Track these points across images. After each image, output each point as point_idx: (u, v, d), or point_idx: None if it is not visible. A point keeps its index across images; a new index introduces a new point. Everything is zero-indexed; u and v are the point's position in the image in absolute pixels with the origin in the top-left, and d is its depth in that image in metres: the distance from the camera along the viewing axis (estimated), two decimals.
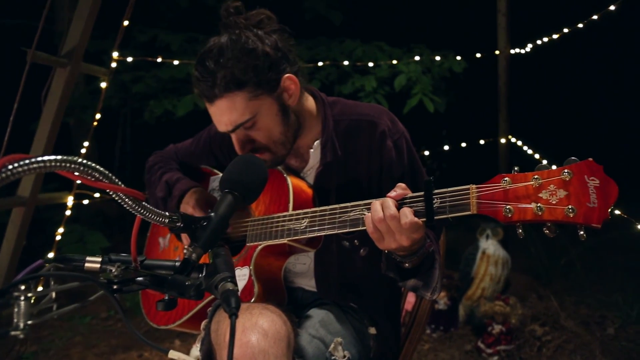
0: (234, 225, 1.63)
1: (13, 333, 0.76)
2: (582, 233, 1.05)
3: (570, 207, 1.04)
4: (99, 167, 0.83)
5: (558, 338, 3.26)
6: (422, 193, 1.22)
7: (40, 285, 2.23)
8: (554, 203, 1.06)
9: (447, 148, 4.24)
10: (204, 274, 0.99)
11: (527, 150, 3.92)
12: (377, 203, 1.25)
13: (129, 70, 5.08)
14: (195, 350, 3.08)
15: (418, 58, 4.60)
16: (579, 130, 7.48)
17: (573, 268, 4.49)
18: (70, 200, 2.94)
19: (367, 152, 1.58)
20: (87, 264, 1.01)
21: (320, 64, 4.48)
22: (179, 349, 3.31)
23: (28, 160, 0.72)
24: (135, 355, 3.25)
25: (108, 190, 0.88)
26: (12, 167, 0.70)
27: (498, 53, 4.33)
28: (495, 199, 1.13)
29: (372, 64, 4.58)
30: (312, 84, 2.56)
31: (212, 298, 1.60)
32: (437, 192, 1.20)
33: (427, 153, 4.22)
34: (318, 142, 1.62)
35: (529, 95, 7.03)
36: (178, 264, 1.03)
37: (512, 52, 4.30)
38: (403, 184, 1.27)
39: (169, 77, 4.75)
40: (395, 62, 4.62)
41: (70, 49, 2.63)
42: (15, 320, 0.77)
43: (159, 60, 3.66)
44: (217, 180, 1.84)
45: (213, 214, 1.09)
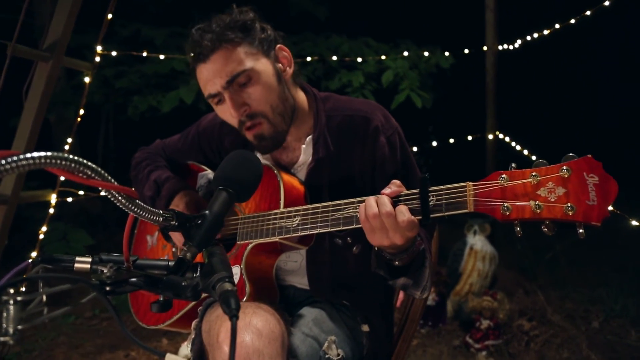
0: (224, 223, 1.60)
1: (2, 339, 0.72)
2: (581, 231, 1.03)
3: (569, 205, 1.02)
4: (91, 163, 0.80)
5: (545, 332, 3.30)
6: (417, 190, 1.20)
7: (24, 286, 2.17)
8: (553, 201, 1.05)
9: (435, 144, 4.24)
10: (200, 274, 0.96)
11: (515, 147, 3.94)
12: (371, 199, 1.23)
13: (112, 66, 4.99)
14: (185, 349, 3.06)
15: (406, 53, 4.60)
16: (567, 127, 7.57)
17: (558, 263, 4.56)
18: (54, 198, 2.87)
19: (360, 148, 1.56)
20: (76, 265, 0.97)
21: (309, 59, 4.45)
22: (167, 348, 3.26)
23: (17, 157, 0.68)
24: (122, 355, 3.20)
25: (100, 188, 0.85)
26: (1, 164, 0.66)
27: (486, 49, 4.34)
28: (493, 197, 1.11)
29: (360, 60, 4.56)
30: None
31: (202, 296, 1.57)
32: (432, 189, 1.18)
33: (414, 149, 4.23)
34: (310, 137, 1.60)
35: (517, 92, 7.08)
36: (172, 264, 1.00)
37: (500, 48, 4.32)
38: (398, 181, 1.25)
39: (153, 72, 4.68)
40: (384, 57, 4.61)
41: (52, 43, 2.56)
42: (5, 326, 0.73)
43: (145, 55, 3.58)
44: (204, 177, 1.81)
45: (207, 212, 1.06)
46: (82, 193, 3.18)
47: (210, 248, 1.02)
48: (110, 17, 2.85)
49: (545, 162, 1.09)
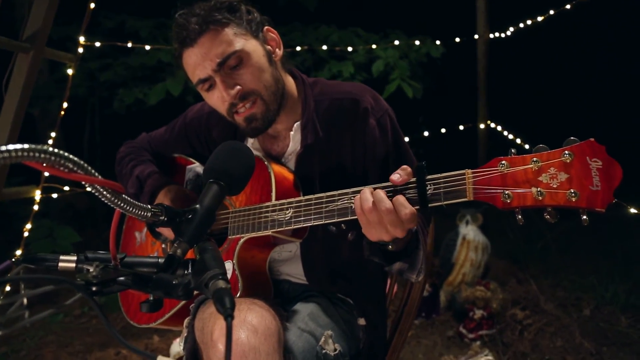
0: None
1: None
2: (584, 217, 1.00)
3: (572, 190, 0.99)
4: (73, 157, 0.75)
5: (539, 321, 3.30)
6: (413, 179, 1.16)
7: (8, 286, 2.11)
8: (555, 187, 1.01)
9: (426, 134, 4.22)
10: (192, 271, 0.91)
11: (507, 136, 3.92)
12: (367, 191, 1.18)
13: (96, 58, 4.89)
14: (177, 346, 3.01)
15: (397, 42, 4.55)
16: (560, 115, 7.56)
17: (549, 252, 4.57)
18: (38, 195, 2.79)
19: (349, 132, 1.52)
20: (61, 264, 0.93)
21: (298, 49, 4.38)
22: (158, 345, 3.22)
23: None
24: (113, 353, 3.14)
25: (84, 183, 0.80)
26: None
27: (477, 37, 4.30)
28: (493, 184, 1.08)
29: (350, 49, 4.51)
30: None
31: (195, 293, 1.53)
32: (430, 177, 1.14)
33: (406, 139, 4.17)
34: (298, 124, 1.56)
35: (509, 80, 7.04)
36: (161, 261, 0.95)
37: (491, 36, 4.28)
38: (409, 168, 1.17)
39: (139, 64, 4.59)
40: (374, 47, 4.56)
41: (33, 33, 2.47)
42: None
43: (130, 46, 3.49)
44: (192, 171, 1.76)
45: (198, 206, 1.01)
46: (67, 188, 3.10)
47: (202, 244, 0.98)
48: (93, 6, 2.76)
49: (546, 147, 1.05)
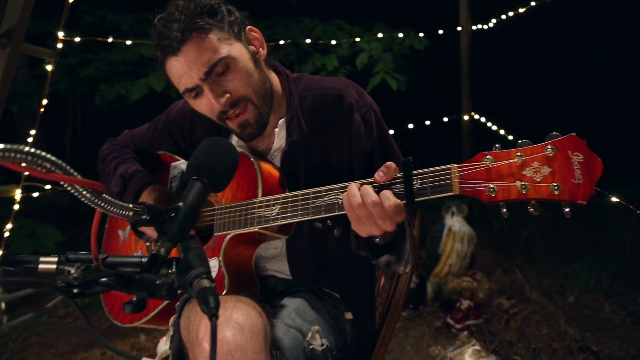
0: (200, 214, 1.54)
1: None
2: (567, 210, 1.02)
3: (555, 184, 1.01)
4: (50, 156, 0.73)
5: (524, 310, 3.34)
6: (400, 174, 1.17)
7: None
8: (539, 180, 1.03)
9: (411, 127, 4.22)
10: (176, 270, 0.90)
11: (491, 127, 3.95)
12: (354, 187, 1.18)
13: (77, 53, 4.80)
14: (163, 345, 2.99)
15: (381, 35, 4.54)
16: (543, 107, 7.63)
17: (533, 241, 4.63)
18: (19, 194, 2.73)
19: (334, 127, 1.52)
20: (41, 266, 0.91)
21: (282, 43, 4.35)
22: (145, 344, 3.19)
23: None
24: (99, 354, 3.11)
25: (62, 183, 0.78)
26: None
27: (460, 29, 4.31)
28: (478, 179, 1.09)
29: (334, 42, 4.49)
30: None
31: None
32: (416, 172, 1.15)
33: (391, 132, 4.18)
34: (283, 120, 1.55)
35: (492, 72, 7.07)
36: (145, 260, 0.93)
37: (474, 28, 4.29)
38: (393, 164, 1.17)
39: (121, 59, 4.52)
40: (358, 39, 4.54)
41: (9, 28, 2.41)
42: None
43: (110, 41, 3.43)
44: (177, 168, 1.74)
45: (181, 204, 1.00)
46: (49, 187, 3.05)
47: (186, 242, 0.96)
48: (72, 0, 2.70)
49: (530, 141, 1.07)
